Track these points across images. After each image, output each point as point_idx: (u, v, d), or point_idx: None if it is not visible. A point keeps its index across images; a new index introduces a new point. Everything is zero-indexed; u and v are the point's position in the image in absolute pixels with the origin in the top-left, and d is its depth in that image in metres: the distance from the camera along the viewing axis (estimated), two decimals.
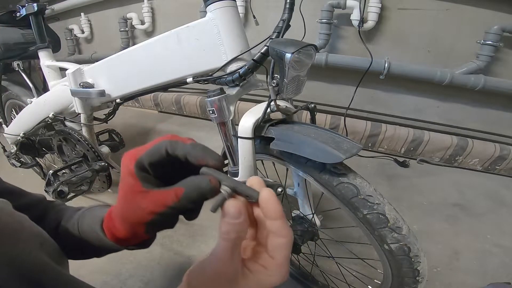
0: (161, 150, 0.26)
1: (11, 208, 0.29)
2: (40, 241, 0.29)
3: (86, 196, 1.26)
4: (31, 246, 0.27)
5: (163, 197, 0.26)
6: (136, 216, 0.28)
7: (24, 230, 0.28)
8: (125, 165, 0.27)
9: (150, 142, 0.27)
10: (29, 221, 0.30)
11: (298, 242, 0.70)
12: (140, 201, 0.27)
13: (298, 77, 0.51)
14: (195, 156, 0.25)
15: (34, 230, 0.30)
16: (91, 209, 0.40)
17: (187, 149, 0.26)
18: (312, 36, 1.52)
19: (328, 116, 1.66)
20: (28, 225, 0.29)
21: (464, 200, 1.25)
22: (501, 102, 1.42)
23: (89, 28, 2.33)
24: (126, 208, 0.29)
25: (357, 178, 0.50)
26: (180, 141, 0.26)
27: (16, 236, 0.26)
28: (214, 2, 0.51)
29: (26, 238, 0.27)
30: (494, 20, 1.23)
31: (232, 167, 0.61)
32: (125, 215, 0.30)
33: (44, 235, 0.31)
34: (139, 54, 0.67)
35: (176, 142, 0.26)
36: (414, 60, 1.45)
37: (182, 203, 0.25)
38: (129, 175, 0.27)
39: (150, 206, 0.27)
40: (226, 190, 0.24)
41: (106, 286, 0.87)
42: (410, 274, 0.51)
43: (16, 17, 1.00)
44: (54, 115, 0.94)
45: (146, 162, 0.26)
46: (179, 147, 0.26)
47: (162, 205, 0.26)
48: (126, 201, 0.28)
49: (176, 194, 0.25)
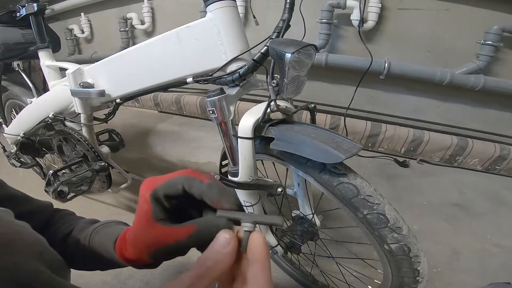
0: (178, 185, 0.26)
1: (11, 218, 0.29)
2: (39, 250, 0.29)
3: (86, 196, 1.26)
4: (28, 256, 0.27)
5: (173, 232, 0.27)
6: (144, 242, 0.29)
7: (21, 240, 0.28)
8: (143, 192, 0.28)
9: (170, 173, 0.28)
10: (28, 230, 0.30)
11: (298, 242, 0.70)
12: (151, 231, 0.27)
13: (298, 77, 0.51)
14: (210, 197, 0.26)
15: (33, 239, 0.30)
16: (107, 224, 0.41)
17: (203, 189, 0.26)
18: (312, 36, 1.52)
19: (328, 116, 1.66)
20: (27, 235, 0.29)
21: (464, 200, 1.25)
22: (501, 102, 1.42)
23: (89, 28, 2.33)
24: (137, 234, 0.30)
25: (357, 178, 0.50)
26: (198, 180, 0.26)
27: (13, 246, 0.26)
28: (214, 2, 0.51)
29: (23, 248, 0.27)
30: (494, 20, 1.23)
31: (232, 167, 0.61)
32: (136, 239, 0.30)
33: (44, 244, 0.31)
34: (139, 54, 0.67)
35: (194, 179, 0.26)
36: (414, 60, 1.45)
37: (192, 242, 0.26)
38: (145, 203, 0.27)
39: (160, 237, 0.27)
40: (248, 226, 0.24)
41: (106, 286, 0.87)
42: (410, 274, 0.51)
43: (16, 17, 1.00)
44: (54, 115, 0.94)
45: (162, 194, 0.27)
46: (196, 186, 0.26)
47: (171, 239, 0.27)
48: (138, 227, 0.29)
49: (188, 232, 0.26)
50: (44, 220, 0.43)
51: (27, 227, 0.30)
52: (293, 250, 0.73)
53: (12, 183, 0.40)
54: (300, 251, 0.73)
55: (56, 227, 0.42)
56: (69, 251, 0.39)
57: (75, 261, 0.38)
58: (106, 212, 1.20)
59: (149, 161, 1.58)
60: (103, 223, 0.42)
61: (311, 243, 0.77)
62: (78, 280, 0.81)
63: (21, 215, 0.31)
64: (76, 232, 0.41)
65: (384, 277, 0.59)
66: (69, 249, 0.39)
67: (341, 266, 0.81)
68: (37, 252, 0.29)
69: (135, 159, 1.59)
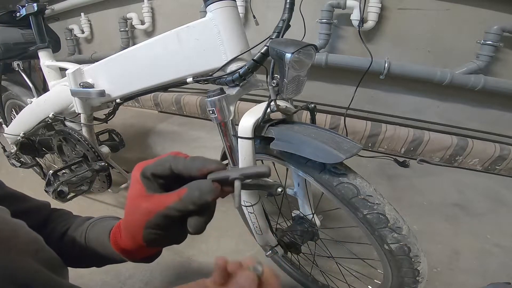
0: (165, 164, 0.28)
1: (7, 216, 0.29)
2: (35, 248, 0.30)
3: (86, 196, 1.26)
4: (24, 254, 0.27)
5: (165, 198, 0.27)
6: (135, 219, 0.29)
7: (18, 238, 0.28)
8: (133, 174, 0.29)
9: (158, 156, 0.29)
10: (25, 228, 0.30)
11: (298, 242, 0.71)
12: (141, 203, 0.28)
13: (298, 77, 0.51)
14: (196, 168, 0.27)
15: (29, 237, 0.30)
16: (101, 219, 0.42)
17: (187, 164, 0.27)
18: (312, 36, 1.52)
19: (328, 116, 1.66)
20: (23, 233, 0.30)
21: (464, 200, 1.25)
22: (501, 102, 1.42)
23: (89, 28, 2.33)
24: (128, 213, 0.30)
25: (357, 178, 0.50)
26: (182, 157, 0.28)
27: (9, 244, 0.26)
28: (214, 2, 0.51)
29: (20, 246, 0.27)
30: (494, 20, 1.23)
31: (232, 167, 0.61)
32: (127, 219, 0.31)
33: (41, 242, 0.31)
34: (139, 54, 0.67)
35: (179, 158, 0.28)
36: (414, 60, 1.45)
37: (184, 203, 0.26)
38: (136, 182, 0.29)
39: (150, 206, 0.27)
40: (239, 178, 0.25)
41: (106, 286, 0.87)
42: (410, 274, 0.51)
43: (16, 17, 1.00)
44: (54, 115, 0.94)
45: (149, 172, 0.28)
46: (181, 163, 0.27)
47: (162, 205, 0.27)
48: (129, 206, 0.30)
49: (179, 194, 0.27)
50: (41, 219, 0.43)
51: (24, 225, 0.30)
52: (293, 250, 0.73)
53: (12, 183, 0.40)
54: (300, 251, 0.73)
55: (53, 226, 0.43)
56: (66, 249, 0.39)
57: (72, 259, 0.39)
58: (106, 212, 1.20)
59: None
60: (97, 218, 0.43)
61: (311, 243, 0.77)
62: (78, 280, 0.82)
63: (18, 214, 0.31)
64: (72, 230, 0.41)
65: (384, 277, 0.59)
66: (66, 247, 0.40)
67: (341, 266, 0.81)
68: (34, 250, 0.29)
69: (135, 159, 1.59)
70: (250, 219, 0.68)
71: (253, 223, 0.69)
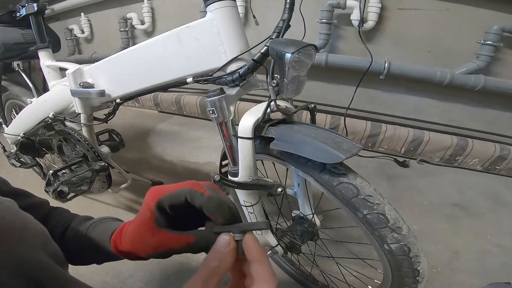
0: (181, 197, 0.29)
1: (17, 208, 0.30)
2: (44, 241, 0.30)
3: (86, 196, 1.26)
4: (34, 246, 0.28)
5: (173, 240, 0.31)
6: (142, 245, 0.32)
7: (28, 229, 0.28)
8: (147, 201, 0.31)
9: (174, 184, 0.31)
10: (34, 221, 0.30)
11: (298, 242, 0.70)
12: (149, 237, 0.31)
13: (298, 77, 0.51)
14: (208, 210, 0.28)
15: (38, 229, 0.30)
16: (103, 220, 0.43)
17: (203, 202, 0.28)
18: (312, 36, 1.52)
19: (328, 116, 1.66)
20: (33, 225, 0.30)
21: (464, 200, 1.25)
22: (501, 102, 1.42)
23: (89, 28, 2.33)
24: (137, 236, 0.33)
25: (357, 178, 0.50)
26: (199, 192, 0.29)
27: (20, 235, 0.27)
28: (214, 2, 0.51)
29: (30, 237, 0.28)
30: (494, 20, 1.23)
31: (232, 167, 0.61)
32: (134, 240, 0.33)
33: (48, 235, 0.32)
34: (139, 54, 0.67)
35: (196, 192, 0.29)
36: (414, 60, 1.45)
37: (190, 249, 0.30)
38: (148, 211, 0.31)
39: (156, 243, 0.31)
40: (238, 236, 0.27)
41: (106, 285, 0.87)
42: (410, 274, 0.51)
43: (16, 17, 1.00)
44: (54, 115, 0.94)
45: (167, 204, 0.30)
46: (197, 198, 0.29)
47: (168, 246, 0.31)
48: (139, 231, 0.32)
49: (187, 241, 0.30)
50: (42, 216, 0.43)
51: (31, 217, 0.31)
52: (293, 250, 0.73)
53: (12, 183, 0.40)
54: (300, 251, 0.73)
55: (53, 223, 0.43)
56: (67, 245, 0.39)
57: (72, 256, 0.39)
58: (106, 212, 1.20)
59: (149, 161, 1.58)
60: (99, 218, 0.44)
61: (311, 243, 0.77)
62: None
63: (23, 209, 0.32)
64: (73, 226, 0.42)
65: (384, 277, 0.59)
66: (67, 243, 0.40)
67: (341, 266, 0.81)
68: (42, 242, 0.29)
69: (135, 159, 1.59)
70: (250, 219, 0.68)
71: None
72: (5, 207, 0.27)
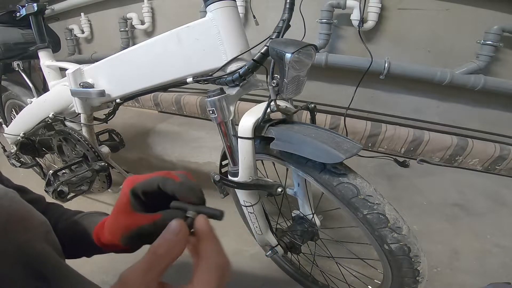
0: (154, 184, 0.31)
1: (21, 198, 0.30)
2: (46, 230, 0.31)
3: (86, 196, 1.26)
4: (38, 235, 0.28)
5: (141, 219, 0.32)
6: (115, 228, 0.34)
7: (32, 218, 0.29)
8: (124, 187, 0.33)
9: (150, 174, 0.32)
10: (36, 212, 0.31)
11: (298, 242, 0.70)
12: (123, 219, 0.33)
13: (298, 77, 0.51)
14: (180, 194, 0.30)
15: (41, 219, 0.31)
16: (90, 214, 0.45)
17: (174, 187, 0.30)
18: (312, 36, 1.52)
19: (328, 116, 1.66)
20: (37, 215, 0.31)
21: (464, 200, 1.25)
22: (501, 102, 1.42)
23: (89, 28, 2.33)
24: (114, 223, 0.35)
25: (357, 178, 0.50)
26: (171, 179, 0.31)
27: (25, 224, 0.27)
28: (214, 2, 0.51)
29: (34, 227, 0.29)
30: (494, 20, 1.23)
31: (232, 167, 0.61)
32: (112, 228, 0.35)
33: (49, 225, 0.33)
34: (139, 54, 0.67)
35: (168, 179, 0.31)
36: (414, 60, 1.45)
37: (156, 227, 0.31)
38: (124, 196, 0.32)
39: (128, 223, 0.32)
40: (191, 213, 0.28)
41: (105, 285, 0.87)
42: (410, 274, 0.51)
43: (16, 17, 1.00)
44: (54, 115, 0.94)
45: (140, 190, 0.32)
46: (169, 184, 0.30)
47: (137, 224, 0.32)
48: (114, 215, 0.34)
49: (153, 218, 0.31)
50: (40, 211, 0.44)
51: (33, 208, 0.31)
52: (293, 250, 0.73)
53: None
54: (300, 251, 0.73)
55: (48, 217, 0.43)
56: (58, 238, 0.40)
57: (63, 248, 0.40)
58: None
59: (149, 161, 1.58)
60: (87, 212, 0.46)
61: (311, 243, 0.77)
62: None
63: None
64: (63, 219, 0.44)
65: (384, 277, 0.59)
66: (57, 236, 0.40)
67: (341, 266, 0.81)
68: (45, 232, 0.30)
69: (135, 159, 1.59)
70: (250, 219, 0.68)
71: (253, 223, 0.69)
72: (10, 197, 0.28)
